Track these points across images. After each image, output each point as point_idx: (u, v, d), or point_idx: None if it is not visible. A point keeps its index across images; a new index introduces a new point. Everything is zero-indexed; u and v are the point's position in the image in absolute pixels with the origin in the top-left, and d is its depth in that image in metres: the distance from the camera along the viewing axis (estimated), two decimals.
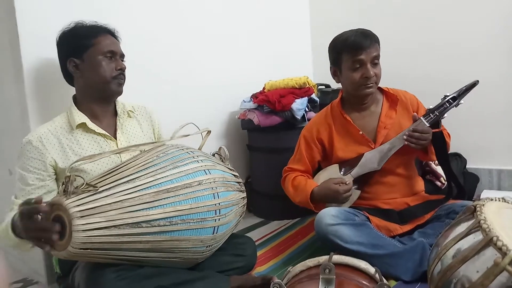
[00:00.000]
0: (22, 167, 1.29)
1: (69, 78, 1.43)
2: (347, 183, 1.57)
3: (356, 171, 1.62)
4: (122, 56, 1.45)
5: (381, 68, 1.61)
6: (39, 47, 1.51)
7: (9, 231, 1.12)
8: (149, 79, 1.93)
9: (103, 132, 1.38)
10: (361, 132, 1.64)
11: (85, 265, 1.19)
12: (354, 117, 1.67)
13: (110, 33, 1.43)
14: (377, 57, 1.57)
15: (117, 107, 1.47)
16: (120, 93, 1.43)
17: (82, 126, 1.36)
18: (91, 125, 1.36)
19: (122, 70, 1.41)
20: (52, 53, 1.44)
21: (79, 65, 1.37)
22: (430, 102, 1.57)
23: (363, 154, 1.62)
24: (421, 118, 1.52)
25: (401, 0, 2.57)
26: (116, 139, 1.41)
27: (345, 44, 1.57)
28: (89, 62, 1.36)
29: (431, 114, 1.52)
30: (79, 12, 1.59)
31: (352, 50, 1.55)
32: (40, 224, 1.00)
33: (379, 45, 1.59)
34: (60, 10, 1.57)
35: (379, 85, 1.68)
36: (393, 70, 1.71)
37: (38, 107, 1.55)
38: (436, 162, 1.90)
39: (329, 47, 1.67)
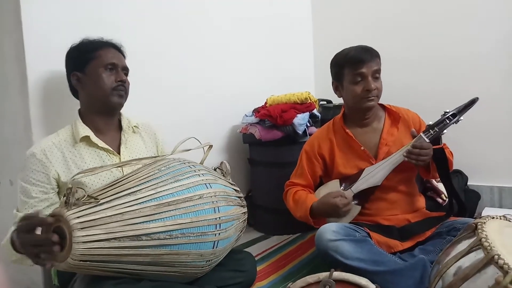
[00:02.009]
0: (25, 179, 1.27)
1: (75, 92, 1.44)
2: (346, 196, 1.57)
3: (357, 186, 1.62)
4: (125, 69, 1.44)
5: (382, 83, 1.62)
6: (45, 60, 1.53)
7: (10, 246, 1.11)
8: (152, 93, 1.95)
9: (106, 146, 1.37)
10: (362, 148, 1.65)
11: (83, 277, 1.18)
12: (356, 132, 1.68)
13: (115, 47, 1.44)
14: (378, 71, 1.60)
15: (122, 121, 1.47)
16: (121, 105, 1.43)
17: (86, 139, 1.35)
18: (94, 138, 1.36)
19: (122, 81, 1.40)
20: (57, 65, 1.46)
21: (81, 79, 1.38)
22: (430, 117, 1.58)
23: (364, 169, 1.63)
24: (421, 134, 1.53)
25: (403, 17, 2.60)
26: (119, 154, 1.40)
27: (347, 58, 1.61)
28: (90, 75, 1.37)
29: (430, 130, 1.53)
30: (85, 25, 1.62)
31: (353, 64, 1.58)
32: (39, 237, 0.97)
33: (380, 60, 1.62)
34: (66, 24, 1.59)
35: (381, 102, 1.69)
36: (394, 86, 1.73)
37: (42, 119, 1.55)
38: (438, 179, 1.89)
39: (331, 63, 1.70)
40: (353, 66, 1.58)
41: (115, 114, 1.47)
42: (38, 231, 0.99)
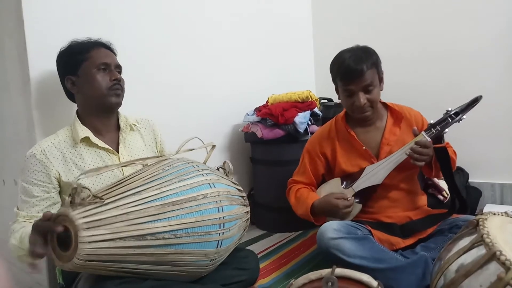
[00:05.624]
0: (26, 180, 1.28)
1: (71, 96, 1.44)
2: (348, 199, 1.57)
3: (358, 184, 1.62)
4: (118, 67, 1.43)
5: (379, 90, 1.59)
6: (47, 60, 1.52)
7: (25, 239, 1.12)
8: (154, 92, 1.96)
9: (106, 146, 1.38)
10: (364, 147, 1.64)
11: (88, 276, 1.19)
12: (358, 132, 1.67)
13: (104, 46, 1.43)
14: (371, 84, 1.53)
15: (119, 120, 1.47)
16: (119, 104, 1.42)
17: (86, 140, 1.36)
18: (94, 139, 1.36)
19: (117, 80, 1.38)
20: None
21: (75, 82, 1.37)
22: (430, 114, 1.57)
23: (365, 168, 1.63)
24: (422, 132, 1.50)
25: (402, 14, 2.61)
26: (118, 153, 1.41)
27: (339, 70, 1.57)
28: (84, 77, 1.36)
29: (432, 129, 1.49)
30: (87, 26, 1.62)
31: (343, 79, 1.56)
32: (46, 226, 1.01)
33: (376, 67, 1.56)
34: (68, 24, 1.60)
35: (384, 101, 1.69)
36: (395, 83, 1.71)
37: (44, 119, 1.56)
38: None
39: (330, 65, 1.65)
40: (343, 81, 1.56)
41: (113, 114, 1.46)
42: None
